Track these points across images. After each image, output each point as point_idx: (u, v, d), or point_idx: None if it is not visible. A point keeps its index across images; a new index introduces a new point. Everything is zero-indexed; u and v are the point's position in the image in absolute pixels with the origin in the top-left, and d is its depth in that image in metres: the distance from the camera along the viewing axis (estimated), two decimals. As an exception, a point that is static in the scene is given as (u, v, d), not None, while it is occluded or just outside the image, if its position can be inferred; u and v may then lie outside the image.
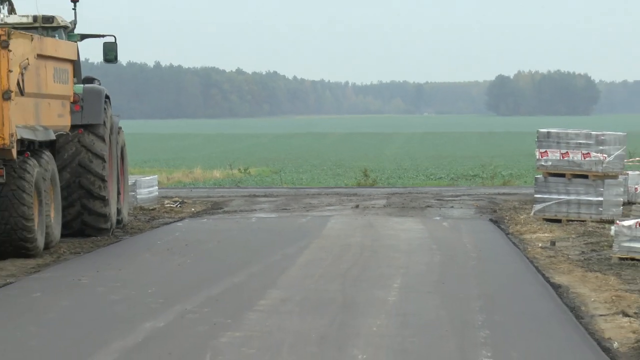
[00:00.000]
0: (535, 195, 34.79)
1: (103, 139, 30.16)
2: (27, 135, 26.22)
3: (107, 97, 31.11)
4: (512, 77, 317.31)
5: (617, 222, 26.77)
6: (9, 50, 25.26)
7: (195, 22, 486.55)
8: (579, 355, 15.50)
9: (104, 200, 30.07)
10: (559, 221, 33.24)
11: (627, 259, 24.61)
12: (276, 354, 15.19)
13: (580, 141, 34.25)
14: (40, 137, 27.13)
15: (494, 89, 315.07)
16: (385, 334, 16.62)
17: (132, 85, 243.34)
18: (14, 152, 25.37)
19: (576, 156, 34.00)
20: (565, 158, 34.07)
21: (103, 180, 29.96)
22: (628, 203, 34.79)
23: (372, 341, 16.12)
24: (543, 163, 34.39)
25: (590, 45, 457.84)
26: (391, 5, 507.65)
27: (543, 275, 22.92)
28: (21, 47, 26.06)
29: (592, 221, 32.80)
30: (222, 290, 21.02)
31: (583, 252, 26.79)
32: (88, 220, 29.93)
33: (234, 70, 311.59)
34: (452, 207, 39.59)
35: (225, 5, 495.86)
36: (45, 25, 30.56)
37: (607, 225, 29.88)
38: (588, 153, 34.00)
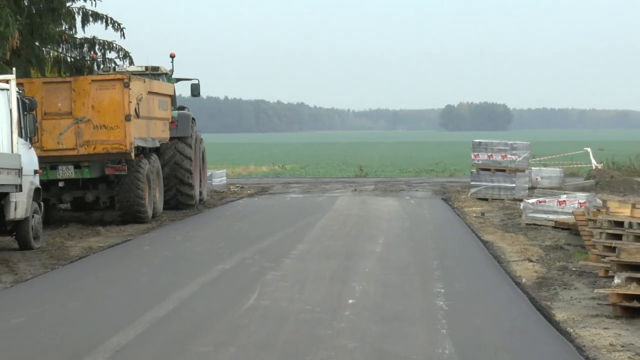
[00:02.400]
0: (471, 183, 34.74)
1: (190, 146, 30.15)
2: (141, 143, 26.25)
3: (193, 119, 31.14)
4: (456, 105, 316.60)
5: (524, 200, 26.76)
6: (129, 89, 25.30)
7: (250, 68, 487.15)
8: (499, 287, 15.46)
9: (191, 186, 30.06)
10: (486, 200, 33.17)
11: (531, 224, 24.55)
12: (302, 286, 15.18)
13: (500, 147, 34.23)
14: (149, 145, 27.16)
15: (445, 114, 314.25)
16: (373, 273, 16.60)
17: (209, 111, 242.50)
18: (133, 154, 25.40)
19: (497, 157, 33.96)
20: (491, 158, 34.02)
21: (190, 173, 29.94)
22: (532, 188, 34.68)
23: (364, 278, 16.09)
24: (476, 162, 34.34)
25: (506, 83, 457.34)
26: (377, 56, 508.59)
27: (476, 234, 22.87)
28: (137, 86, 26.08)
29: (508, 199, 32.74)
30: (267, 244, 20.99)
31: (502, 219, 26.73)
32: (180, 199, 29.93)
33: (275, 101, 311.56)
34: (417, 190, 39.48)
35: (268, 58, 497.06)
36: (153, 72, 30.55)
37: (518, 202, 29.82)
38: (505, 155, 33.96)
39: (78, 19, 29.96)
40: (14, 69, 21.00)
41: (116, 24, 30.61)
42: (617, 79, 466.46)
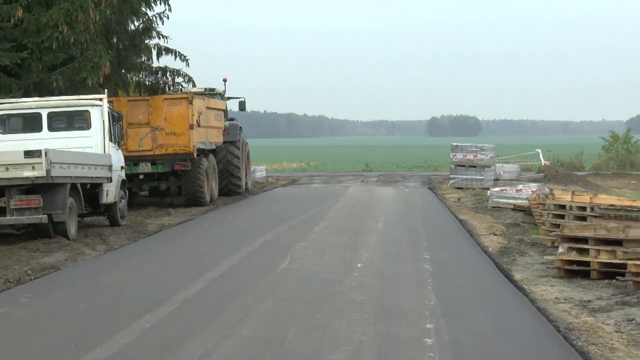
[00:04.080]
0: (450, 176, 34.60)
1: (238, 148, 30.15)
2: (201, 146, 26.30)
3: (240, 127, 31.13)
4: (439, 117, 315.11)
5: (491, 189, 26.68)
6: (192, 105, 25.37)
7: (283, 89, 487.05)
8: (472, 254, 15.41)
9: (239, 178, 30.08)
10: (462, 188, 33.04)
11: (495, 207, 24.49)
12: (322, 254, 15.15)
13: (472, 149, 34.09)
14: (207, 147, 27.20)
15: (430, 124, 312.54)
16: (376, 244, 16.58)
17: (252, 122, 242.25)
18: (195, 154, 25.50)
19: (470, 156, 33.82)
20: (465, 157, 33.88)
21: (238, 168, 29.95)
22: (496, 179, 34.63)
23: (370, 248, 16.07)
24: (454, 160, 34.20)
25: (477, 100, 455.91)
26: (378, 80, 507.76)
27: (454, 215, 22.80)
28: (198, 103, 26.13)
29: (478, 188, 32.58)
30: (297, 222, 20.98)
31: (474, 203, 26.66)
32: (231, 188, 29.94)
33: (302, 114, 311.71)
34: (409, 181, 39.42)
35: (297, 82, 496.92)
36: (210, 92, 30.60)
37: (485, 190, 29.70)
38: (476, 155, 33.83)
39: (154, 52, 30.09)
40: (105, 90, 21.10)
41: (182, 56, 30.68)
42: (560, 96, 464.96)
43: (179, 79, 31.35)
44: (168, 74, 31.18)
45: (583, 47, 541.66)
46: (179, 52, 30.61)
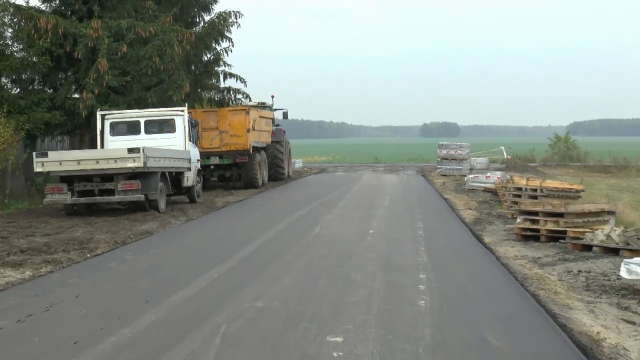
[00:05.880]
0: (437, 166, 34.45)
1: (282, 146, 30.14)
2: (255, 145, 26.32)
3: (284, 131, 31.11)
4: (429, 123, 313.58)
5: (467, 175, 26.46)
6: (249, 114, 25.41)
7: (315, 102, 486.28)
8: (453, 223, 15.30)
9: (283, 168, 30.08)
10: (446, 175, 32.85)
11: (471, 189, 24.31)
12: (344, 223, 15.11)
13: (454, 147, 33.93)
14: (260, 145, 27.20)
15: (422, 128, 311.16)
16: (383, 217, 16.50)
17: (293, 127, 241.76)
18: (251, 151, 25.53)
19: (452, 152, 33.66)
20: (448, 153, 33.73)
21: (282, 161, 29.95)
22: (471, 169, 34.35)
23: (379, 219, 16.01)
24: (440, 154, 34.06)
25: (457, 109, 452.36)
26: (383, 93, 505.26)
27: (440, 194, 22.67)
28: (253, 113, 26.16)
29: (458, 175, 32.41)
30: (323, 201, 20.94)
31: (455, 187, 26.46)
32: (277, 175, 29.95)
33: (329, 121, 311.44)
34: (407, 170, 39.22)
35: (326, 96, 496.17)
36: (261, 105, 30.62)
37: (463, 177, 29.50)
38: (456, 151, 33.64)
39: (221, 76, 30.09)
40: (186, 104, 21.17)
41: (242, 79, 30.65)
42: (517, 107, 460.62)
43: (239, 96, 31.36)
44: (231, 92, 31.22)
45: (536, 71, 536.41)
46: (239, 76, 30.60)
